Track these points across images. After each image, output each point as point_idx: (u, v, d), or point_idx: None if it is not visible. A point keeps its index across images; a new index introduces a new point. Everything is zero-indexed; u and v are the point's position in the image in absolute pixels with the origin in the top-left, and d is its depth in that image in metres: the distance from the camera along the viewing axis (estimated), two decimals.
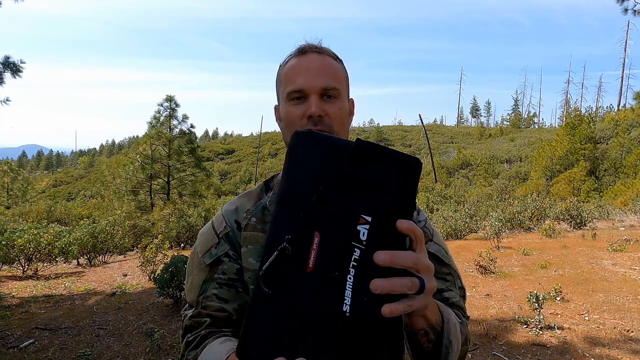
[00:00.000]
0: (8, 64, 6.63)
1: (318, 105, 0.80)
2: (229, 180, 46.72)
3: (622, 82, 55.31)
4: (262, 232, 0.87)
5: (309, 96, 0.81)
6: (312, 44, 0.87)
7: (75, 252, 8.11)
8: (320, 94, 0.82)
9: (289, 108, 0.83)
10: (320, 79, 0.82)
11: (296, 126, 0.82)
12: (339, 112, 0.83)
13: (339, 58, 0.90)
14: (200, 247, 0.92)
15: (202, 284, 0.87)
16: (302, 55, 0.85)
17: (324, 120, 0.81)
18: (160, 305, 5.20)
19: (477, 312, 4.74)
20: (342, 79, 0.86)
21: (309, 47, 0.86)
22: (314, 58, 0.84)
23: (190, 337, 0.83)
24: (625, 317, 4.41)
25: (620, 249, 7.63)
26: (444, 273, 0.93)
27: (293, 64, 0.85)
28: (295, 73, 0.83)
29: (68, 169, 70.63)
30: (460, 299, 0.96)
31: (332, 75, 0.83)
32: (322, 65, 0.83)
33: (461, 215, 11.86)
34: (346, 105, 0.87)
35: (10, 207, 20.89)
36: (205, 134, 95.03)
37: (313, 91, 0.81)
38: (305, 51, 0.85)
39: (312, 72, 0.82)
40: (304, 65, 0.83)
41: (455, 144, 51.78)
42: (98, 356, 3.76)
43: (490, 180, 33.23)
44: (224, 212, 0.93)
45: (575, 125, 30.35)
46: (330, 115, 0.82)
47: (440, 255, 0.93)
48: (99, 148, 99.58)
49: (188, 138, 15.40)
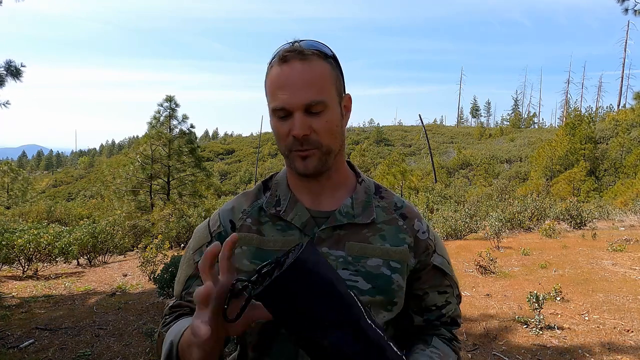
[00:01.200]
0: (10, 67, 6.65)
1: (302, 126, 0.77)
2: (229, 180, 46.72)
3: (622, 82, 55.38)
4: (257, 234, 0.86)
5: (292, 113, 0.78)
6: (295, 46, 0.79)
7: (75, 252, 8.11)
8: (305, 110, 0.78)
9: (276, 123, 0.81)
10: (303, 94, 0.76)
11: (285, 142, 0.81)
12: (326, 125, 0.79)
13: (329, 54, 0.82)
14: (193, 243, 0.93)
15: (187, 279, 0.89)
16: (283, 63, 0.78)
17: (310, 138, 0.79)
18: (160, 305, 5.20)
19: (477, 312, 4.74)
20: (330, 85, 0.80)
21: (291, 52, 0.78)
22: (296, 68, 0.77)
23: (168, 317, 0.88)
24: (625, 317, 4.41)
25: (620, 249, 7.63)
26: (444, 285, 0.95)
27: (276, 74, 0.79)
28: (278, 88, 0.78)
29: (68, 169, 70.62)
30: (457, 308, 0.98)
31: (317, 86, 0.78)
32: (306, 77, 0.77)
33: (461, 215, 11.86)
34: (336, 112, 0.82)
35: (10, 207, 20.87)
36: (205, 134, 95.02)
37: (296, 108, 0.77)
38: (287, 59, 0.78)
39: (294, 86, 0.77)
40: (284, 77, 0.78)
41: (455, 144, 51.77)
42: (98, 356, 3.76)
43: (490, 180, 33.22)
44: (220, 211, 0.94)
45: (575, 125, 30.36)
46: (317, 130, 0.79)
47: (443, 267, 0.94)
48: (99, 148, 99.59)
49: (188, 138, 15.39)
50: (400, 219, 0.91)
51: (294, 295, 0.57)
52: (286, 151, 0.82)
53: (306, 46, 0.80)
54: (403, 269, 0.87)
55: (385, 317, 0.85)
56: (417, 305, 0.94)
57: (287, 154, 0.82)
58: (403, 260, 0.87)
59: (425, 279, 0.92)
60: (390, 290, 0.84)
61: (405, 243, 0.88)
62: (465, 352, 3.69)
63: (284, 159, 0.88)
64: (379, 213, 0.90)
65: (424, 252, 0.91)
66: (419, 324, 0.95)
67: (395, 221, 0.90)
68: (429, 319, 0.94)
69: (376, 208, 0.90)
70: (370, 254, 0.84)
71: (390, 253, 0.86)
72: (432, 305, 0.94)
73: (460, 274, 6.47)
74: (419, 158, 48.00)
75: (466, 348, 3.78)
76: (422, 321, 0.94)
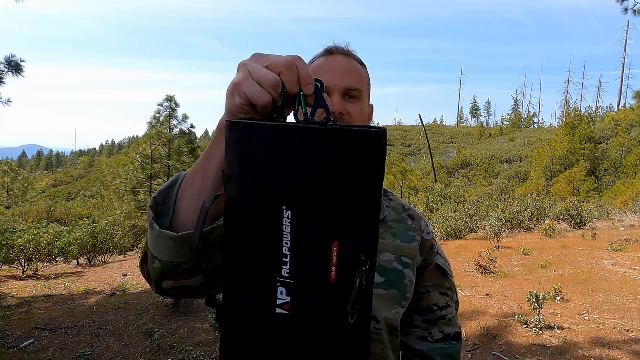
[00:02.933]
0: (10, 63, 6.62)
1: (340, 103, 0.81)
2: None
3: (622, 82, 55.36)
4: None
5: (331, 94, 0.82)
6: (339, 46, 0.88)
7: (75, 252, 8.12)
8: (343, 94, 0.82)
9: None
10: (344, 79, 0.82)
11: None
12: (360, 112, 0.84)
13: (364, 64, 0.91)
14: None
15: None
16: (329, 55, 0.87)
17: (345, 118, 0.82)
18: (160, 305, 5.20)
19: (477, 312, 4.74)
20: (365, 83, 0.87)
21: (336, 48, 0.88)
22: (340, 59, 0.85)
23: None
24: (625, 317, 4.41)
25: (620, 249, 7.63)
26: (446, 287, 0.98)
27: (319, 63, 0.86)
28: (321, 72, 0.84)
29: (68, 169, 70.64)
30: (456, 314, 1.01)
31: (356, 76, 0.85)
32: (347, 67, 0.85)
33: (461, 215, 11.86)
34: (367, 107, 0.88)
35: (10, 207, 20.88)
36: (205, 134, 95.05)
37: (336, 90, 0.82)
38: (333, 52, 0.87)
39: (337, 71, 0.83)
40: (329, 65, 0.85)
41: (455, 144, 51.77)
42: (98, 356, 3.76)
43: (490, 180, 33.25)
44: None
45: (575, 125, 30.36)
46: (352, 114, 0.82)
47: (445, 268, 0.98)
48: (99, 148, 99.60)
49: (188, 138, 15.39)
50: (409, 219, 0.95)
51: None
52: None
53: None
54: (413, 265, 0.90)
55: (399, 312, 0.87)
56: (419, 304, 0.95)
57: None
58: (413, 256, 0.90)
59: (428, 277, 0.95)
60: (403, 284, 0.87)
61: (415, 240, 0.92)
62: (465, 352, 3.69)
63: None
64: (389, 212, 0.94)
65: (429, 250, 0.95)
66: (418, 324, 0.96)
67: (404, 220, 0.94)
68: (429, 320, 0.96)
69: (387, 208, 0.94)
70: (382, 249, 0.87)
71: (401, 249, 0.89)
72: (434, 305, 0.96)
73: (460, 274, 6.47)
74: (419, 158, 47.97)
75: (466, 348, 3.79)
76: (422, 321, 0.96)
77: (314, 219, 0.47)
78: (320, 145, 0.46)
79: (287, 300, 0.48)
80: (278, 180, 0.46)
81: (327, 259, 0.48)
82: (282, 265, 0.48)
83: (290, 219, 0.47)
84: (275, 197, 0.47)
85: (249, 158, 0.47)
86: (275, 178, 0.47)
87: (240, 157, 0.47)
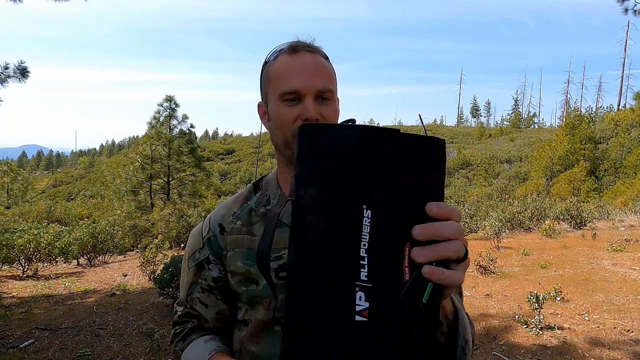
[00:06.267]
0: (19, 68, 6.69)
1: (315, 108, 0.78)
2: (229, 180, 46.70)
3: (622, 82, 55.38)
4: (247, 235, 0.87)
5: (304, 98, 0.78)
6: (303, 41, 0.83)
7: (75, 252, 8.12)
8: (316, 97, 0.79)
9: (282, 109, 0.80)
10: (316, 81, 0.79)
11: (290, 128, 0.79)
12: (333, 114, 0.81)
13: (327, 56, 0.87)
14: (188, 248, 0.96)
15: (189, 285, 0.93)
16: (293, 53, 0.81)
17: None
18: (160, 305, 5.20)
19: (477, 312, 4.74)
20: (334, 80, 0.84)
21: (301, 45, 0.82)
22: (307, 57, 0.80)
23: (178, 329, 0.94)
24: (625, 317, 4.40)
25: (620, 249, 7.62)
26: None
27: (285, 61, 0.80)
28: (289, 72, 0.79)
29: (68, 169, 70.65)
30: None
31: (326, 76, 0.81)
32: (316, 66, 0.80)
33: (461, 215, 11.84)
34: (337, 106, 0.85)
35: (10, 207, 20.89)
36: (205, 134, 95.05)
37: (309, 93, 0.78)
38: (298, 49, 0.81)
39: (307, 72, 0.79)
40: (297, 64, 0.79)
41: (455, 144, 51.75)
42: (98, 356, 3.76)
43: (490, 180, 33.24)
44: (211, 215, 0.95)
45: (575, 125, 30.35)
46: (326, 118, 0.79)
47: None
48: (99, 148, 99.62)
49: (188, 138, 15.41)
50: None
51: None
52: (290, 137, 0.79)
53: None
54: None
55: None
56: None
57: (290, 142, 0.80)
58: None
59: None
60: None
61: None
62: None
63: (276, 155, 0.88)
64: None
65: None
66: None
67: None
68: None
69: None
70: None
71: None
72: None
73: None
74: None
75: None
76: None
77: (392, 218, 0.46)
78: (398, 147, 0.47)
79: (365, 306, 0.46)
80: (358, 179, 0.46)
81: (401, 260, 0.47)
82: (360, 269, 0.46)
83: (370, 218, 0.46)
84: (357, 195, 0.46)
85: (325, 159, 0.46)
86: (355, 177, 0.46)
87: (314, 158, 0.47)
